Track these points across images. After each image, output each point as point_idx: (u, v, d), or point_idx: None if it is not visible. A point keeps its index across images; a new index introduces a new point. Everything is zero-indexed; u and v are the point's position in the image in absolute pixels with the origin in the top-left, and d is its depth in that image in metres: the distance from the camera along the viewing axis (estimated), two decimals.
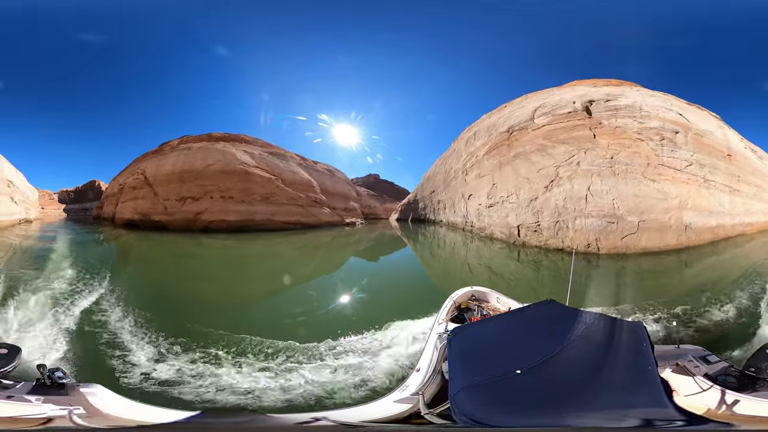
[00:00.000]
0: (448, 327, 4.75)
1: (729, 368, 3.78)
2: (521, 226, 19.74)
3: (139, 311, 7.89)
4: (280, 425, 3.18)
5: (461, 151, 35.42)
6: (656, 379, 3.05)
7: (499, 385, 2.98)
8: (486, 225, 24.96)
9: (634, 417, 2.73)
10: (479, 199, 26.83)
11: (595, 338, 3.53)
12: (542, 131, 21.08)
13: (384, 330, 6.78)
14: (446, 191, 39.07)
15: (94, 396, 3.31)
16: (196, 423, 3.22)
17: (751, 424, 3.00)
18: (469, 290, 6.42)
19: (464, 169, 32.45)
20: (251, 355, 5.77)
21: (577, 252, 13.66)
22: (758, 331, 6.69)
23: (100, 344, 6.32)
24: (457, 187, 34.20)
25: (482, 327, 4.20)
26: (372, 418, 3.18)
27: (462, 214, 31.41)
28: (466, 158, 32.66)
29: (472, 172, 29.62)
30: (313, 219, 39.62)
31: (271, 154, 40.35)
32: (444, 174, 41.95)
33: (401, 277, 15.52)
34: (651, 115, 17.12)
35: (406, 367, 5.29)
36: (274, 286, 12.87)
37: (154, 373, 5.21)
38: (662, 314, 7.37)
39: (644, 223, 13.31)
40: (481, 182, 27.04)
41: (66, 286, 10.05)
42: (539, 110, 22.88)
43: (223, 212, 29.68)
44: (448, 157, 42.26)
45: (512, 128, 24.19)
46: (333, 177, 54.69)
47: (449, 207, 36.78)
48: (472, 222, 28.31)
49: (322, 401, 4.43)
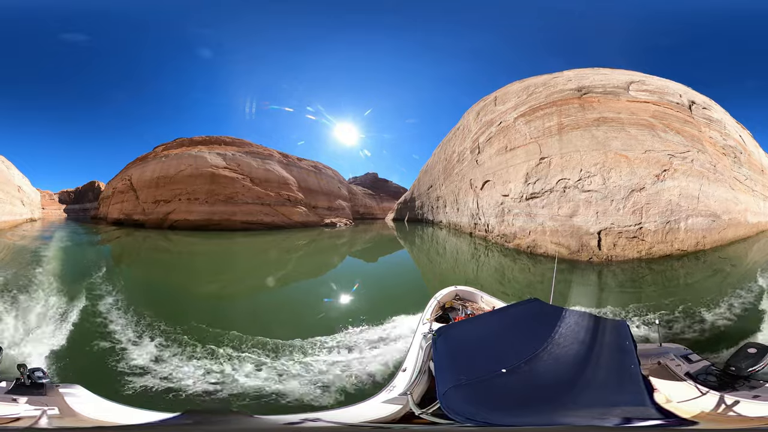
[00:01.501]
0: (432, 327, 4.74)
1: (710, 367, 3.78)
2: (606, 231, 13.21)
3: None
4: (266, 426, 3.16)
5: (470, 126, 27.95)
6: (638, 377, 3.08)
7: (486, 384, 3.01)
8: (518, 230, 16.84)
9: (615, 415, 2.74)
10: (505, 185, 18.64)
11: (578, 336, 3.55)
12: (647, 108, 16.19)
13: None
14: (447, 183, 32.72)
15: (73, 396, 3.30)
16: (179, 424, 3.19)
17: (730, 423, 3.00)
18: (453, 290, 6.41)
19: (476, 146, 24.74)
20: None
21: (686, 252, 13.17)
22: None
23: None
24: (463, 175, 27.24)
25: (467, 326, 4.21)
26: (361, 418, 3.17)
27: (470, 212, 24.53)
28: (480, 130, 24.66)
29: (492, 145, 21.66)
30: (282, 219, 38.06)
31: (247, 153, 40.06)
32: (444, 162, 35.21)
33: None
34: (730, 134, 18.40)
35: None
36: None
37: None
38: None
39: (730, 220, 15.07)
40: (511, 157, 18.79)
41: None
42: (637, 85, 17.58)
43: (187, 212, 33.39)
44: (450, 140, 35.08)
45: (588, 89, 17.46)
46: (319, 174, 51.91)
47: (451, 204, 30.52)
48: (487, 224, 20.84)
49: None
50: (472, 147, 26.13)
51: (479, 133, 25.11)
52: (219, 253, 21.68)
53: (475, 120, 27.32)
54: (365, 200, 76.34)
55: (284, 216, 38.98)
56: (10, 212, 30.92)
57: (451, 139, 34.60)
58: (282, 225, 37.68)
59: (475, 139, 25.54)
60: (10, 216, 30.51)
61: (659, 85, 18.04)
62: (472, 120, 28.17)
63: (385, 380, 4.71)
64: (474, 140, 25.87)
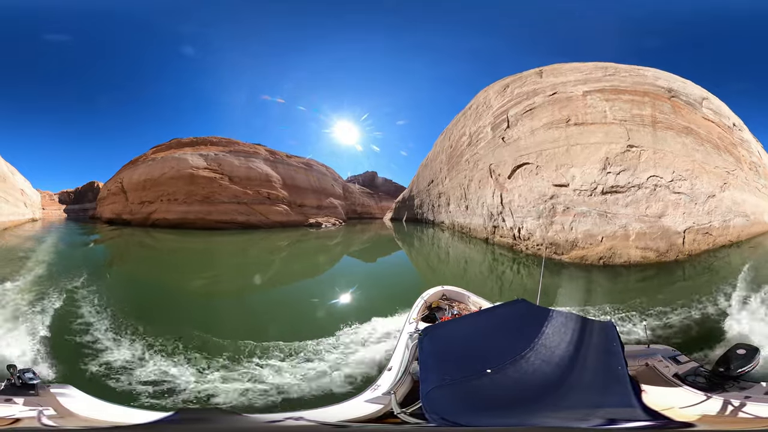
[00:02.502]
0: (418, 326, 4.75)
1: (699, 368, 3.78)
2: (689, 230, 13.83)
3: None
4: (254, 425, 3.18)
5: (490, 101, 22.57)
6: (626, 378, 3.05)
7: (471, 385, 2.98)
8: (583, 236, 13.27)
9: (602, 416, 2.72)
10: (562, 171, 14.56)
11: (565, 337, 3.53)
12: (714, 129, 17.18)
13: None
14: (452, 176, 27.62)
15: (65, 397, 3.32)
16: (170, 424, 3.21)
17: (720, 424, 2.99)
18: (440, 290, 6.43)
19: (502, 120, 19.52)
20: None
21: (732, 242, 15.53)
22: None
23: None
24: (476, 160, 22.18)
25: (453, 326, 4.21)
26: (344, 417, 3.18)
27: (485, 211, 19.64)
28: (512, 102, 19.55)
29: (535, 117, 17.10)
30: (258, 218, 37.55)
31: (231, 153, 40.52)
32: (449, 149, 29.88)
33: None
34: (753, 152, 20.49)
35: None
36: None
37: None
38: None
39: (755, 219, 17.40)
40: (578, 134, 14.99)
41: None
42: (707, 102, 18.18)
43: (167, 212, 36.07)
44: (457, 123, 29.57)
45: (675, 93, 16.74)
46: (309, 171, 49.88)
47: (456, 201, 25.64)
48: (519, 227, 16.09)
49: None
50: (495, 122, 20.15)
51: (509, 105, 19.44)
52: (172, 249, 23.67)
53: (499, 94, 21.46)
54: (363, 199, 74.38)
55: (262, 215, 38.44)
56: (15, 213, 34.90)
57: (459, 121, 28.72)
58: (258, 224, 37.38)
59: (502, 112, 19.67)
60: (14, 216, 34.51)
61: (718, 104, 19.27)
62: (493, 95, 22.32)
63: (372, 379, 4.72)
64: (499, 114, 20.07)
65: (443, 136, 34.87)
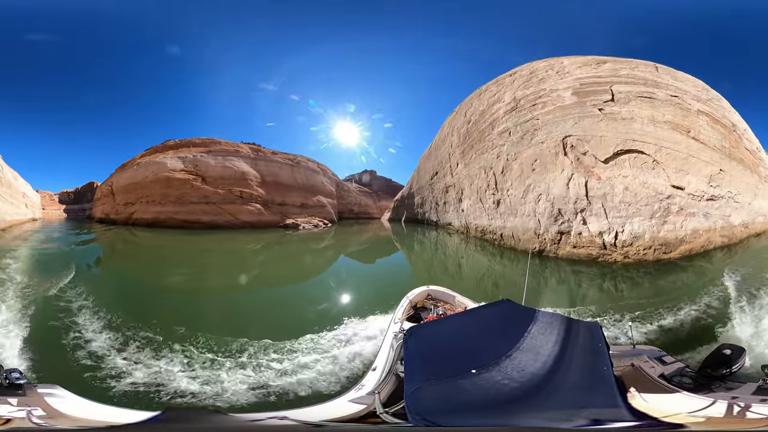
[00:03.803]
0: (403, 326, 4.74)
1: (684, 369, 3.79)
2: (741, 224, 17.16)
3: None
4: (238, 424, 3.19)
5: (564, 68, 18.96)
6: (611, 379, 3.05)
7: (455, 385, 2.98)
8: (700, 227, 14.45)
9: (586, 417, 2.72)
10: (680, 175, 14.81)
11: (550, 338, 3.53)
12: (748, 155, 19.61)
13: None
14: (469, 160, 21.52)
15: (53, 397, 3.31)
16: (158, 423, 3.22)
17: (706, 424, 2.97)
18: (426, 289, 6.42)
19: (595, 91, 16.78)
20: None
21: (759, 233, 17.57)
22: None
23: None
24: (535, 131, 17.07)
25: (439, 326, 4.20)
26: (328, 417, 3.18)
27: (545, 207, 14.84)
28: (609, 78, 17.37)
29: (657, 109, 16.23)
30: (226, 218, 37.48)
31: (209, 153, 41.72)
32: (466, 126, 23.35)
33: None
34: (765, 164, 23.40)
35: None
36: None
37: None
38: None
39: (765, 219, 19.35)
40: (696, 150, 15.90)
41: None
42: (747, 133, 20.74)
43: (144, 212, 39.43)
44: (480, 96, 23.89)
45: (736, 129, 19.56)
46: (296, 167, 48.00)
47: (475, 195, 19.57)
48: (618, 232, 13.28)
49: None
50: (581, 89, 16.60)
51: (613, 81, 17.04)
52: (126, 242, 27.05)
53: (586, 66, 18.34)
54: (360, 198, 72.23)
55: (230, 215, 38.43)
56: (17, 214, 40.21)
57: (486, 92, 22.68)
58: (224, 225, 37.38)
59: (597, 83, 16.86)
60: (17, 216, 39.79)
61: (752, 136, 21.32)
62: (570, 65, 18.69)
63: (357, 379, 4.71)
64: (590, 83, 17.07)
65: (454, 115, 27.85)
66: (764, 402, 3.07)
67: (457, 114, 26.75)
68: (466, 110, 24.84)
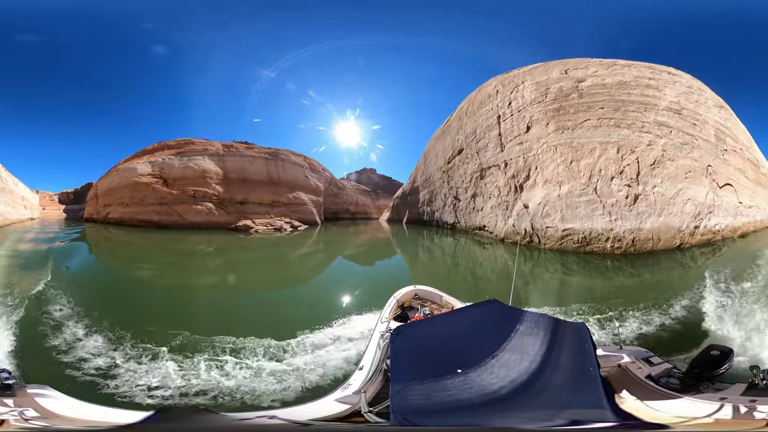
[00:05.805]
0: (390, 326, 4.75)
1: (672, 370, 3.78)
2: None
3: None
4: (228, 423, 3.21)
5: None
6: (597, 380, 3.03)
7: (441, 385, 2.99)
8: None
9: (572, 418, 2.72)
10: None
11: (537, 338, 3.52)
12: (755, 170, 24.81)
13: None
14: (573, 124, 17.36)
15: (44, 397, 3.32)
16: (150, 423, 3.23)
17: (694, 426, 2.97)
18: (413, 289, 6.41)
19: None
20: None
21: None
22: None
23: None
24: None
25: (425, 326, 4.21)
26: (314, 416, 3.20)
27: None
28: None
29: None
30: (173, 218, 39.41)
31: (177, 155, 43.83)
32: (572, 83, 18.87)
33: None
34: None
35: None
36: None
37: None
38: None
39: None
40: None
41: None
42: (731, 141, 24.35)
43: (114, 212, 43.96)
44: (620, 65, 20.49)
45: (759, 162, 26.67)
46: (272, 161, 45.08)
47: (576, 179, 15.42)
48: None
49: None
50: (716, 131, 22.27)
51: (722, 128, 23.01)
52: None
53: (715, 105, 24.01)
54: (357, 197, 68.91)
55: (178, 215, 39.64)
56: (17, 214, 46.06)
57: (613, 66, 19.38)
58: (171, 225, 38.65)
59: (721, 131, 22.57)
60: (17, 217, 45.41)
61: (755, 148, 26.51)
62: (710, 97, 23.83)
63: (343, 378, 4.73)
64: (721, 127, 22.82)
65: (531, 69, 20.82)
66: (753, 403, 3.06)
67: (535, 69, 21.01)
68: (567, 68, 19.95)
